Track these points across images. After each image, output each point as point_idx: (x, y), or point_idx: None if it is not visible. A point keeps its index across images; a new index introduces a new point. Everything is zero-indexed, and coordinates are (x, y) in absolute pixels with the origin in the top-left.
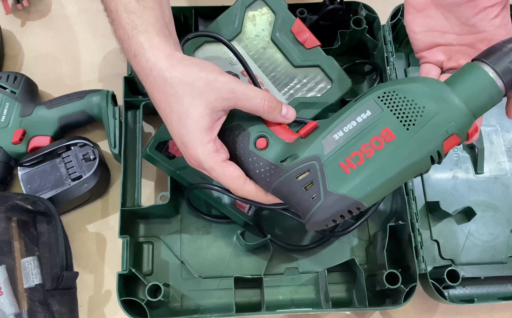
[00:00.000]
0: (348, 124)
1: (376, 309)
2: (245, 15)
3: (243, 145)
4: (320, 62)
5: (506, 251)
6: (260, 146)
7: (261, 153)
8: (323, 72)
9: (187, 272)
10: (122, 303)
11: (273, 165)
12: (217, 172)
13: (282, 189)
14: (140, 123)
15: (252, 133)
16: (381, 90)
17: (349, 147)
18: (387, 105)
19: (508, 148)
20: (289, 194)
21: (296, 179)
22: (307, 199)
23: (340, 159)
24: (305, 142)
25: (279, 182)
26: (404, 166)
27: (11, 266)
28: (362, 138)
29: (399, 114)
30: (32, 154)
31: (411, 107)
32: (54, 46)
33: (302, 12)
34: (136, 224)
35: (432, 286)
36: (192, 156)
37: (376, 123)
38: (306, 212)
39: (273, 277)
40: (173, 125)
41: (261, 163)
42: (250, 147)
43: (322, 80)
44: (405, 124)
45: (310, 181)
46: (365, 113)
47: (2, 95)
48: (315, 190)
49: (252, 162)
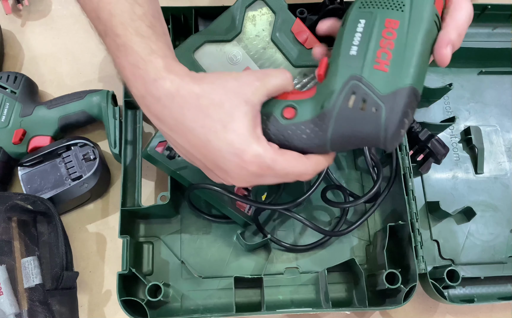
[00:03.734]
0: (355, 39)
1: (376, 309)
2: (245, 15)
3: (275, 127)
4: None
5: (506, 251)
6: (290, 115)
7: (296, 120)
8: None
9: (187, 272)
10: (122, 303)
11: (316, 117)
12: (280, 161)
13: (341, 130)
14: (140, 123)
15: (275, 111)
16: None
17: (371, 51)
18: (373, 6)
19: (508, 148)
20: (350, 127)
21: (347, 107)
22: (370, 117)
23: (372, 63)
24: (331, 77)
25: (334, 125)
26: (422, 37)
27: (11, 266)
28: (376, 38)
29: (387, 5)
30: (32, 154)
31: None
32: (54, 46)
33: (302, 12)
34: (136, 224)
35: (432, 286)
36: (251, 159)
37: (376, 22)
38: (378, 130)
39: (273, 277)
40: (218, 136)
41: (302, 126)
42: (283, 123)
43: None
44: (398, 9)
45: (361, 98)
46: (360, 24)
47: (2, 95)
48: (371, 103)
49: (293, 134)
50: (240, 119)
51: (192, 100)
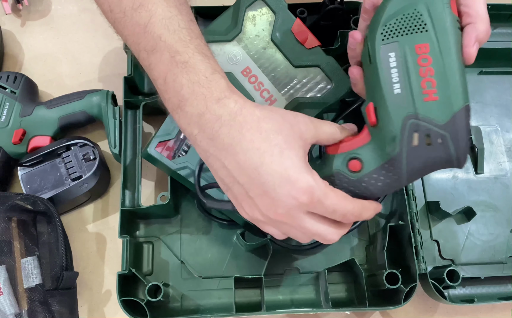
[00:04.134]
0: (393, 76)
1: (376, 309)
2: (245, 15)
3: (346, 183)
4: (320, 62)
5: (506, 251)
6: (357, 167)
7: (365, 170)
8: (323, 72)
9: (187, 272)
10: (122, 303)
11: (385, 164)
12: (332, 195)
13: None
14: (140, 123)
15: (340, 168)
16: (377, 33)
17: (415, 84)
18: (396, 35)
19: (508, 148)
20: (421, 163)
21: (413, 146)
22: (438, 148)
23: (421, 97)
24: (385, 121)
25: (406, 167)
26: (455, 51)
27: (11, 266)
28: (414, 70)
29: (410, 30)
30: (32, 154)
31: (409, 18)
32: (54, 46)
33: (302, 12)
34: (136, 224)
35: (432, 286)
36: (304, 187)
37: (407, 52)
38: (449, 157)
39: (273, 277)
40: (274, 160)
41: (374, 175)
42: (354, 177)
43: (322, 80)
44: (422, 31)
45: (424, 134)
46: (391, 58)
47: (2, 95)
48: (435, 136)
49: (368, 185)
50: (296, 149)
51: (254, 122)
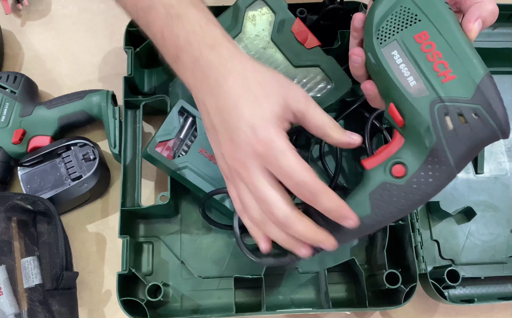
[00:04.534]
0: (403, 72)
1: (376, 309)
2: (245, 15)
3: (397, 191)
4: (320, 62)
5: (506, 251)
6: (401, 171)
7: (411, 171)
8: (323, 72)
9: (187, 272)
10: (122, 303)
11: (428, 158)
12: (291, 158)
13: (459, 152)
14: (140, 123)
15: (385, 178)
16: (373, 39)
17: (428, 70)
18: (391, 34)
19: (508, 148)
20: (465, 145)
21: (450, 130)
22: (476, 124)
23: (438, 79)
24: (412, 116)
25: (451, 153)
26: (454, 27)
27: (11, 266)
28: (421, 58)
29: (403, 25)
30: (32, 154)
31: (399, 15)
32: (54, 46)
33: (302, 12)
34: (136, 224)
35: (432, 286)
36: (264, 139)
37: (408, 45)
38: (491, 128)
39: (273, 277)
40: (246, 105)
41: (422, 173)
42: (402, 182)
43: (322, 80)
44: (415, 22)
45: (456, 114)
46: (395, 56)
47: (2, 95)
48: (467, 111)
49: (419, 186)
50: (272, 105)
51: (241, 71)
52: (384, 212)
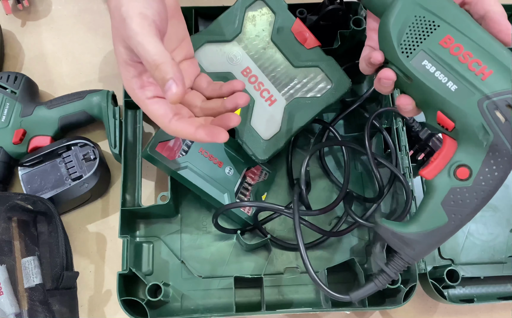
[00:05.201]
0: (440, 79)
1: (376, 309)
2: (245, 15)
3: (468, 194)
4: (320, 62)
5: (505, 251)
6: (466, 173)
7: (475, 170)
8: (323, 73)
9: (187, 271)
10: (122, 302)
11: (489, 154)
12: (144, 109)
13: None
14: (140, 123)
15: (452, 183)
16: (399, 55)
17: (465, 71)
18: (416, 45)
19: None
20: None
21: (504, 123)
22: None
23: (477, 78)
24: (463, 118)
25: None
26: (475, 25)
27: (11, 266)
28: (454, 62)
29: (425, 34)
30: (33, 154)
31: (417, 25)
32: (54, 46)
33: (302, 12)
34: (136, 224)
35: (431, 286)
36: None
37: (436, 52)
38: None
39: (273, 277)
40: None
41: (486, 169)
42: (470, 184)
43: (322, 81)
44: (436, 28)
45: (505, 106)
46: (426, 65)
47: (2, 96)
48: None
49: (486, 183)
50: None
51: None
52: (461, 215)
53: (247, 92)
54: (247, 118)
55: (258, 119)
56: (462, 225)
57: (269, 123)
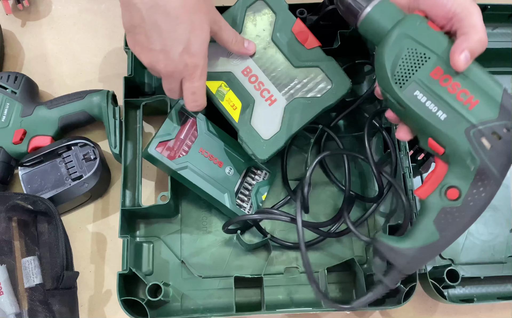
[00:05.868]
0: (430, 108)
1: (376, 309)
2: (246, 15)
3: (457, 213)
4: (320, 62)
5: (505, 251)
6: (455, 193)
7: (464, 191)
8: (323, 73)
9: (187, 271)
10: (122, 302)
11: (476, 177)
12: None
13: (502, 164)
14: (140, 123)
15: (443, 203)
16: (392, 85)
17: (454, 101)
18: (408, 76)
19: None
20: (505, 157)
21: (489, 149)
22: (505, 135)
23: (465, 108)
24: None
25: (496, 169)
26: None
27: (11, 266)
28: (443, 92)
29: (416, 66)
30: (33, 154)
31: (409, 58)
32: (54, 46)
33: (302, 12)
34: (136, 223)
35: (431, 286)
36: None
37: (426, 83)
38: None
39: (273, 276)
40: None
41: (474, 191)
42: (459, 204)
43: (322, 81)
44: (426, 59)
45: (491, 134)
46: (418, 95)
47: (2, 96)
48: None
49: (475, 202)
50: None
51: None
52: (451, 233)
53: (247, 92)
54: (247, 118)
55: (258, 119)
56: (452, 241)
57: (269, 123)
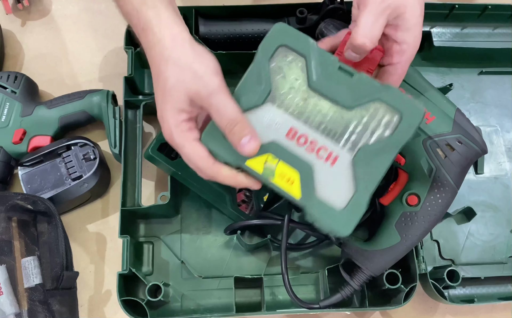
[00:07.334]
0: None
1: (376, 309)
2: (270, 70)
3: (416, 218)
4: (378, 93)
5: (506, 251)
6: (415, 200)
7: (423, 198)
8: (385, 104)
9: (187, 272)
10: (122, 303)
11: (433, 185)
12: (186, 149)
13: (457, 172)
14: (140, 123)
15: (403, 209)
16: None
17: None
18: None
19: (508, 149)
20: (460, 167)
21: (444, 159)
22: (461, 149)
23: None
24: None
25: (451, 176)
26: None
27: (11, 266)
28: None
29: None
30: (33, 154)
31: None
32: (54, 46)
33: (302, 12)
34: (136, 224)
35: (432, 286)
36: (166, 131)
37: None
38: (472, 149)
39: (273, 277)
40: (158, 99)
41: (431, 197)
42: (418, 209)
43: (385, 114)
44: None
45: (444, 145)
46: None
47: (2, 95)
48: (452, 141)
49: (432, 208)
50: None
51: (157, 60)
52: (411, 236)
53: (300, 158)
54: (310, 190)
55: (325, 187)
56: (413, 244)
57: (339, 187)
